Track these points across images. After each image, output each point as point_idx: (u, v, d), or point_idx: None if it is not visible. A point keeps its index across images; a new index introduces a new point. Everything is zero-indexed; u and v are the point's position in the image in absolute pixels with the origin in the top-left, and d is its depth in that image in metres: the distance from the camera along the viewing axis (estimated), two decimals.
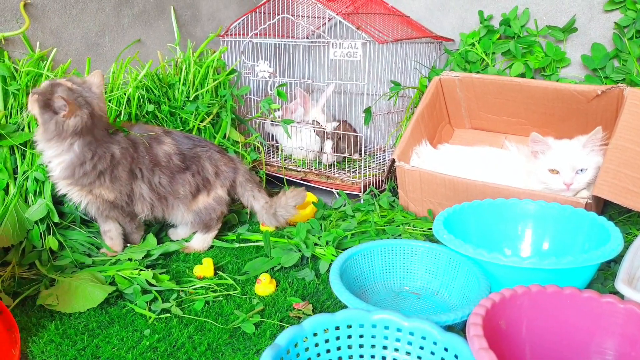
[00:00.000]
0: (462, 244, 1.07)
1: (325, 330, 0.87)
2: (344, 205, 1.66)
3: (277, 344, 0.79)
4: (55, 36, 1.58)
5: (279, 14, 1.87)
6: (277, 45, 2.02)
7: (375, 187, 1.78)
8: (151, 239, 1.44)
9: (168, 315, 1.09)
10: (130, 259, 1.31)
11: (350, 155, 1.98)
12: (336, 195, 1.76)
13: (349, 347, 0.88)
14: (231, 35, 1.96)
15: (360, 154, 1.97)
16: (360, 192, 1.75)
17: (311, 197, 1.69)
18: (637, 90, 1.35)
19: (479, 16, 1.86)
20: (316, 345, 0.86)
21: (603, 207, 1.51)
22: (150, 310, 1.11)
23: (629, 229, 1.39)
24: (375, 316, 0.88)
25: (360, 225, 1.49)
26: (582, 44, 1.70)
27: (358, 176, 1.83)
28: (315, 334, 0.86)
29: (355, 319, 0.88)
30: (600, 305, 0.89)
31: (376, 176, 1.84)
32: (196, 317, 1.08)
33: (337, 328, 0.88)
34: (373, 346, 0.89)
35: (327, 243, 1.35)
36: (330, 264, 1.23)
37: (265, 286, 1.19)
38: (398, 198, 1.64)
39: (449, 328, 0.95)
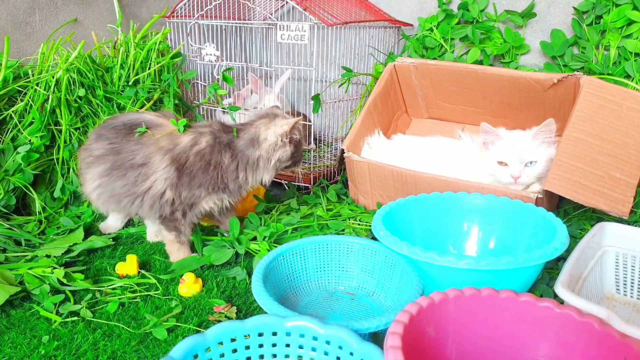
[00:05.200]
0: (397, 241, 0.98)
1: (232, 339, 0.78)
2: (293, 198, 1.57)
3: (170, 357, 0.70)
4: None
5: None
6: (228, 28, 1.91)
7: (329, 179, 1.70)
8: (79, 233, 1.34)
9: (76, 318, 0.99)
10: (48, 255, 1.21)
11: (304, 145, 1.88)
12: (285, 187, 1.67)
13: (261, 357, 0.80)
14: (178, 16, 1.84)
15: (317, 144, 1.88)
16: (311, 184, 1.66)
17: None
18: (594, 79, 1.28)
19: (437, 0, 1.77)
20: (222, 356, 0.77)
21: (559, 201, 1.44)
22: (58, 313, 1.01)
23: (583, 224, 1.32)
24: (289, 323, 0.79)
25: (304, 219, 1.40)
26: (542, 29, 1.63)
27: (309, 167, 1.74)
28: (220, 344, 0.77)
29: (268, 326, 0.80)
30: (536, 310, 0.82)
31: (330, 167, 1.75)
32: (107, 321, 0.98)
33: (247, 336, 0.79)
34: (287, 356, 0.80)
35: (264, 239, 1.26)
36: None
37: (189, 286, 1.10)
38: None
39: (375, 335, 0.87)
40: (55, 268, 1.12)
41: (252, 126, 1.25)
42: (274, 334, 0.80)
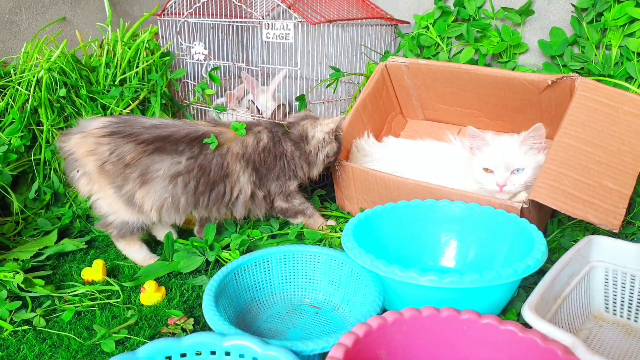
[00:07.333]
0: (362, 253, 0.93)
1: (167, 358, 0.74)
2: None
3: None
4: None
5: None
6: (217, 27, 1.87)
7: (318, 182, 1.64)
8: (52, 236, 1.32)
9: (27, 327, 0.96)
10: (16, 259, 1.19)
11: None
12: None
13: None
14: (169, 14, 1.81)
15: None
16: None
17: None
18: (589, 81, 1.19)
19: None
20: None
21: (553, 210, 1.35)
22: (12, 321, 0.99)
23: (577, 235, 1.24)
24: (227, 342, 0.74)
25: (283, 226, 1.36)
26: (541, 28, 1.53)
27: None
28: None
29: (205, 344, 0.75)
30: (498, 334, 0.76)
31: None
32: (58, 331, 0.95)
33: (184, 355, 0.75)
34: None
35: (236, 247, 1.22)
36: None
37: (150, 295, 1.06)
38: None
39: (324, 356, 0.82)
40: (17, 273, 1.10)
41: (298, 125, 1.33)
42: (213, 352, 0.75)
